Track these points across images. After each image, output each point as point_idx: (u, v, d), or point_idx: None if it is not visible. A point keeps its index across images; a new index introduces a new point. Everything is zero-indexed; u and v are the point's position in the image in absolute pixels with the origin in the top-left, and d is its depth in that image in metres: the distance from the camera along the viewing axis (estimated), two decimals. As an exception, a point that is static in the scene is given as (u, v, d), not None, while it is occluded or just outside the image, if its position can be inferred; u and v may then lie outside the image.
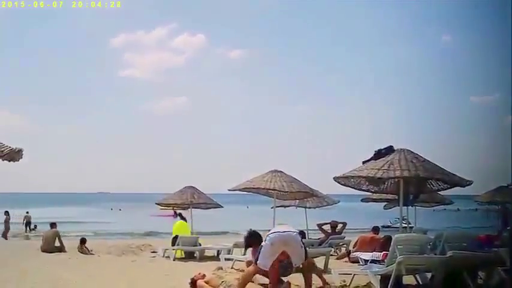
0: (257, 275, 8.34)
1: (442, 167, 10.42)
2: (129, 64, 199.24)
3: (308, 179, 16.01)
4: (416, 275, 9.32)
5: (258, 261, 8.13)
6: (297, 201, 19.48)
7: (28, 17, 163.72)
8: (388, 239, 10.97)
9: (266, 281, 8.31)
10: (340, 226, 18.45)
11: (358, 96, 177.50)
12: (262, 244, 8.19)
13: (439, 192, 14.23)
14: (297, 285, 8.55)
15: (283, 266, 8.07)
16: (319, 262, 12.95)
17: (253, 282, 8.25)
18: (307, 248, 14.48)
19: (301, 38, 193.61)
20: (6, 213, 28.97)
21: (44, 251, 17.38)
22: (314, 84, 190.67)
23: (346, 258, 15.04)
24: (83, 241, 18.02)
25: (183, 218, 17.95)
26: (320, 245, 16.31)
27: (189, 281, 8.95)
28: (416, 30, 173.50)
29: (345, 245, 17.20)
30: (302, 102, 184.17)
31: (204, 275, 8.93)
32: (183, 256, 16.20)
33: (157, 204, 20.00)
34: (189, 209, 18.33)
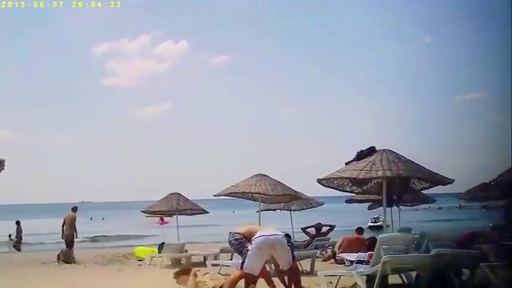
0: None
1: (424, 166, 10.54)
2: (112, 72, 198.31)
3: (293, 181, 16.09)
4: (402, 274, 9.38)
5: (244, 266, 8.09)
6: (282, 204, 19.55)
7: (9, 25, 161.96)
8: (373, 239, 11.07)
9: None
10: (326, 229, 18.55)
11: (343, 98, 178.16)
12: (248, 248, 8.14)
13: (421, 191, 14.38)
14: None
15: None
16: (305, 264, 13.06)
17: None
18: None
19: (284, 43, 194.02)
20: (18, 223, 27.39)
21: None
22: (299, 88, 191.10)
23: (332, 260, 15.15)
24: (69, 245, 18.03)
25: None
26: (306, 247, 16.39)
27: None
28: (399, 31, 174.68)
29: (330, 247, 17.30)
30: (286, 106, 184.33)
31: (196, 275, 8.97)
32: (170, 263, 16.18)
33: (143, 212, 19.95)
34: (175, 216, 18.31)
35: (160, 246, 16.56)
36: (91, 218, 73.49)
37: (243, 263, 8.16)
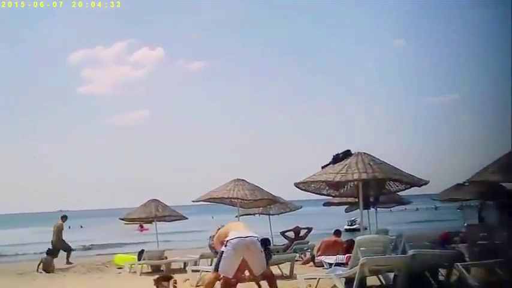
0: None
1: (399, 168, 10.70)
2: (88, 80, 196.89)
3: (271, 186, 16.21)
4: (380, 276, 9.50)
5: (219, 269, 8.02)
6: (261, 208, 19.66)
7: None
8: (351, 242, 11.18)
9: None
10: (304, 232, 18.69)
11: (322, 100, 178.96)
12: (222, 250, 8.04)
13: (397, 193, 14.58)
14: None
15: None
16: (285, 268, 13.16)
17: None
18: (273, 255, 14.74)
19: (258, 48, 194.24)
20: None
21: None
22: (277, 91, 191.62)
23: (311, 263, 15.22)
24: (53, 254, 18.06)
25: None
26: (285, 251, 16.49)
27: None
28: (370, 35, 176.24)
29: (309, 250, 17.42)
30: (264, 109, 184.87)
31: (176, 282, 9.01)
32: (150, 270, 16.16)
33: (122, 219, 19.87)
34: (154, 223, 18.29)
35: (140, 254, 16.52)
36: (69, 227, 72.70)
37: (217, 265, 8.05)
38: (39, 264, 17.77)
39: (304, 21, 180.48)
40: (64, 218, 20.40)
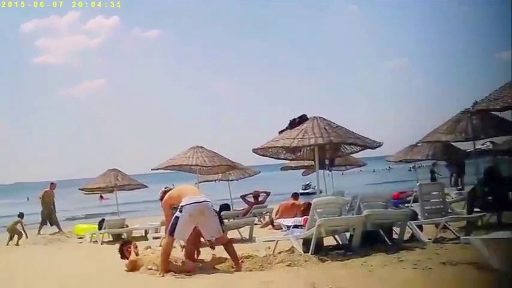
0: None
1: (353, 131, 10.96)
2: (43, 50, 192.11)
3: (229, 152, 16.40)
4: (336, 236, 9.75)
5: (175, 234, 8.08)
6: (220, 174, 19.85)
7: None
8: (308, 204, 11.45)
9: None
10: (263, 196, 18.98)
11: (273, 67, 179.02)
12: (177, 215, 8.06)
13: (352, 155, 14.94)
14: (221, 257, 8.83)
15: None
16: (245, 232, 13.42)
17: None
18: (233, 219, 14.99)
19: (215, 14, 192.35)
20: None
21: None
22: (232, 61, 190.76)
23: (270, 226, 15.50)
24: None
25: None
26: (244, 215, 16.76)
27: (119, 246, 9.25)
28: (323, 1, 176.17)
29: (268, 214, 17.74)
30: (221, 77, 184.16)
31: (136, 246, 9.13)
32: (111, 239, 16.23)
33: (81, 189, 19.82)
34: (114, 192, 18.31)
35: (101, 223, 16.53)
36: (27, 198, 71.61)
37: (172, 230, 8.07)
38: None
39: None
40: (52, 185, 20.39)
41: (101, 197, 43.49)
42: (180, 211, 8.05)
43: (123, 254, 9.18)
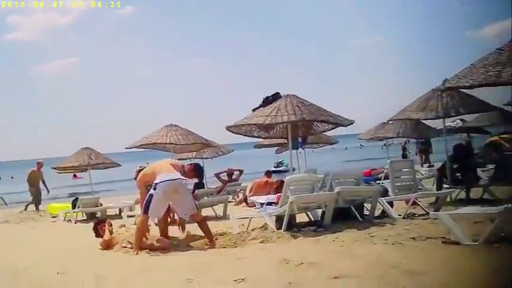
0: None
1: (326, 109, 11.04)
2: (14, 27, 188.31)
3: (203, 130, 16.41)
4: (308, 213, 9.91)
5: (149, 211, 8.14)
6: (194, 153, 19.88)
7: None
8: (282, 182, 11.56)
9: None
10: (236, 173, 19.09)
11: (245, 46, 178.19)
12: (151, 193, 8.11)
13: (325, 133, 15.05)
14: (196, 235, 8.92)
15: None
16: (219, 209, 13.53)
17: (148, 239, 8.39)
18: (207, 197, 15.07)
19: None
20: None
21: None
22: (206, 38, 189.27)
23: (244, 204, 15.64)
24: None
25: None
26: (218, 193, 16.86)
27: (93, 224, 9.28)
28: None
29: (241, 191, 17.87)
30: (197, 55, 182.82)
31: (111, 224, 9.16)
32: (85, 218, 16.20)
33: (54, 168, 19.66)
34: (88, 171, 18.21)
35: (74, 202, 16.47)
36: (-1, 178, 70.87)
37: (147, 208, 8.12)
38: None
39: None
40: (38, 164, 20.35)
41: (75, 175, 43.16)
42: (154, 189, 8.09)
43: (98, 232, 9.21)
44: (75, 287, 6.03)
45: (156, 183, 8.10)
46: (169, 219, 9.55)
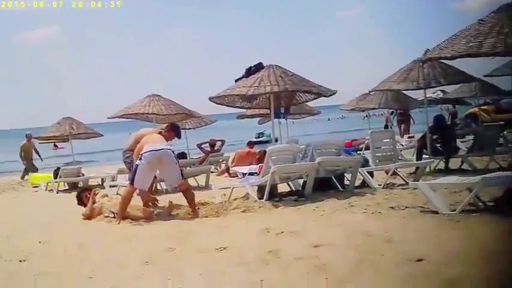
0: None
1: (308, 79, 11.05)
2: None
3: (186, 100, 16.36)
4: (290, 183, 9.99)
5: (134, 182, 8.22)
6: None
7: None
8: (264, 152, 11.62)
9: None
10: (218, 144, 19.12)
11: (227, 16, 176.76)
12: (137, 163, 8.23)
13: (307, 104, 15.10)
14: (178, 204, 8.97)
15: None
16: (201, 179, 13.58)
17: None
18: (190, 168, 15.11)
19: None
20: None
21: None
22: (187, 6, 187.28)
23: (226, 174, 15.68)
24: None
25: None
26: (201, 163, 16.89)
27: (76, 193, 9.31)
28: None
29: (224, 162, 17.92)
30: (180, 25, 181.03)
31: (96, 193, 9.17)
32: (67, 188, 16.17)
33: (35, 138, 19.55)
34: (69, 141, 18.12)
35: (56, 172, 16.43)
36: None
37: (132, 179, 8.25)
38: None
39: None
40: (27, 136, 20.30)
41: (55, 145, 42.92)
42: (140, 159, 8.19)
43: (81, 200, 9.21)
44: (57, 256, 6.06)
45: (141, 154, 8.21)
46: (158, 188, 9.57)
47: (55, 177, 16.13)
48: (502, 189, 7.03)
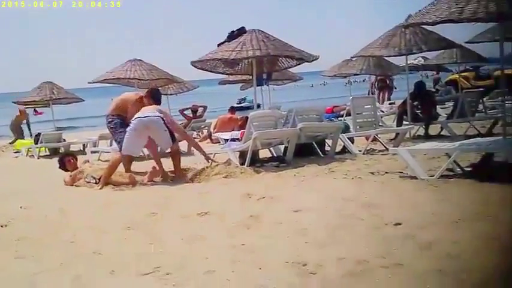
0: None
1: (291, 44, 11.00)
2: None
3: (167, 65, 16.23)
4: (271, 148, 10.05)
5: (123, 150, 8.42)
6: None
7: None
8: (246, 118, 11.63)
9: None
10: (200, 110, 19.07)
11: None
12: (126, 130, 8.42)
13: (289, 70, 15.05)
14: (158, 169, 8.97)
15: None
16: (183, 146, 13.56)
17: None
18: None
19: None
20: None
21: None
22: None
23: (208, 140, 15.67)
24: None
25: None
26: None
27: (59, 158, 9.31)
28: None
29: (206, 128, 17.91)
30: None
31: (77, 159, 9.20)
32: (48, 153, 16.08)
33: (15, 102, 19.34)
34: (50, 106, 17.96)
35: (37, 137, 16.30)
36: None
37: (121, 146, 8.47)
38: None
39: None
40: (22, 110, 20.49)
41: (35, 111, 42.47)
42: (128, 127, 8.42)
43: (64, 165, 9.20)
44: (38, 221, 6.07)
45: (130, 122, 8.42)
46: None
47: (36, 143, 16.00)
48: (480, 155, 7.15)
